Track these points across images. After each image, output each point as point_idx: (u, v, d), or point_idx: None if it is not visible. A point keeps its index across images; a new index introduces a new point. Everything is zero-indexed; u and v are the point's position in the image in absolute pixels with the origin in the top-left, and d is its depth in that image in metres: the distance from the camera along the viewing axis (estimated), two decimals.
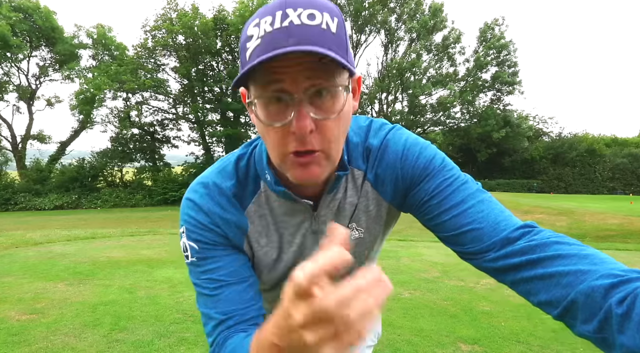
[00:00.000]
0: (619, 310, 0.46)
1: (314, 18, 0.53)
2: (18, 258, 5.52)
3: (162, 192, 22.66)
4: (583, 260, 0.53)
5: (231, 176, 0.72)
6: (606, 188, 29.02)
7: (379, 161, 0.72)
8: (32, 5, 22.77)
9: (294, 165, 0.59)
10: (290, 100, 0.55)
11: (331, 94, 0.56)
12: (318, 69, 0.54)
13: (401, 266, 5.17)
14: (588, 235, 10.69)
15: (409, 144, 0.71)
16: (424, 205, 0.69)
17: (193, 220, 0.70)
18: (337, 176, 0.69)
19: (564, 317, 0.53)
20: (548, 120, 33.83)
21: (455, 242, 0.66)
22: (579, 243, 0.57)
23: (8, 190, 21.61)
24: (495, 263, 0.60)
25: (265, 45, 0.53)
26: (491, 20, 29.38)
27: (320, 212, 0.73)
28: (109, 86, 21.84)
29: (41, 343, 2.73)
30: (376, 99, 29.52)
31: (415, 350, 2.73)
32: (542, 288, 0.55)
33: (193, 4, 23.65)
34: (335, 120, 0.58)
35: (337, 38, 0.55)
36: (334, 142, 0.59)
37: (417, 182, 0.70)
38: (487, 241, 0.61)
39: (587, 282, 0.50)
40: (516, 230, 0.61)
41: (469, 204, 0.65)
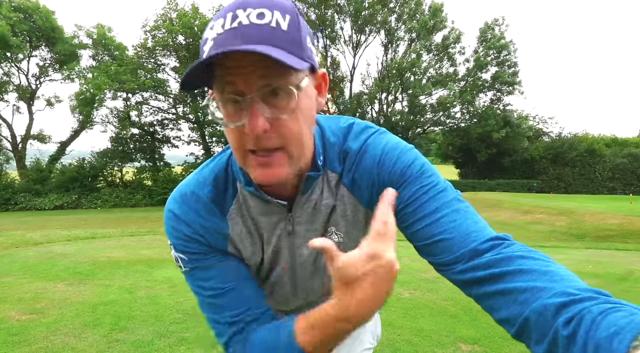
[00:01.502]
0: (565, 332, 0.44)
1: (263, 17, 0.54)
2: (18, 258, 5.52)
3: (162, 192, 22.65)
4: (542, 276, 0.51)
5: (208, 182, 0.72)
6: (606, 189, 29.01)
7: (356, 165, 0.70)
8: (32, 5, 22.76)
9: (254, 166, 0.60)
10: (243, 101, 0.55)
11: (285, 93, 0.56)
12: (270, 68, 0.53)
13: (401, 266, 5.12)
14: (588, 235, 10.70)
15: (387, 148, 0.69)
16: (400, 213, 0.66)
17: (176, 232, 0.71)
18: (308, 177, 0.68)
19: (521, 336, 0.52)
20: (548, 120, 33.83)
21: (428, 252, 0.64)
22: (545, 258, 0.55)
23: (8, 190, 21.60)
24: (463, 275, 0.59)
25: (216, 46, 0.54)
26: (491, 20, 29.38)
27: (295, 213, 0.72)
28: (109, 86, 21.83)
29: (41, 343, 2.73)
30: (376, 99, 29.51)
31: (415, 350, 2.73)
32: (502, 304, 0.53)
33: (193, 4, 23.66)
34: (292, 118, 0.57)
35: (289, 35, 0.55)
36: (293, 140, 0.59)
37: (394, 188, 0.66)
38: (456, 252, 0.60)
39: (541, 300, 0.48)
40: (486, 242, 0.59)
41: (442, 213, 0.63)
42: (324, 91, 0.65)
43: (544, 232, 11.57)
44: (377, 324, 1.14)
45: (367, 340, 1.08)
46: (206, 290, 0.70)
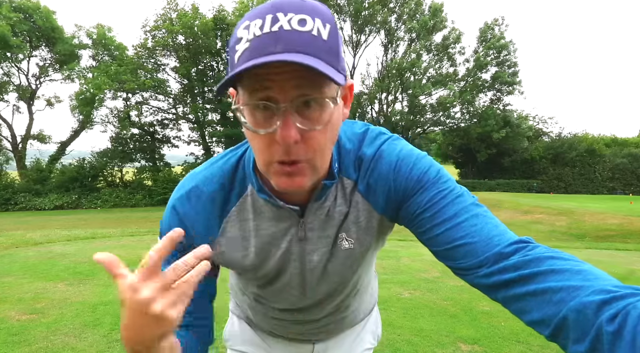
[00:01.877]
0: (610, 328, 0.43)
1: (304, 24, 0.52)
2: (18, 258, 5.52)
3: (162, 192, 22.66)
4: (576, 275, 0.50)
5: (216, 179, 0.72)
6: (606, 189, 29.02)
7: (371, 171, 0.70)
8: (32, 6, 22.77)
9: (278, 173, 0.59)
10: (276, 108, 0.54)
11: (319, 105, 0.55)
12: (307, 78, 0.52)
13: (401, 266, 5.17)
14: (588, 235, 10.70)
15: (403, 154, 0.69)
16: (417, 218, 0.66)
17: (167, 227, 0.70)
18: (324, 185, 0.68)
19: (557, 337, 0.50)
20: (548, 120, 33.86)
21: (448, 256, 0.63)
22: (574, 258, 0.55)
23: (8, 190, 21.60)
24: (488, 279, 0.58)
25: (253, 49, 0.52)
26: (491, 20, 29.41)
27: (307, 219, 0.72)
28: (109, 86, 21.84)
29: (41, 343, 2.73)
30: (376, 99, 29.52)
31: (415, 350, 2.73)
32: (534, 305, 0.52)
33: (193, 4, 23.67)
34: (321, 131, 0.57)
35: (328, 45, 0.53)
36: (319, 152, 0.58)
37: (411, 194, 0.67)
38: (480, 256, 0.59)
39: (579, 298, 0.47)
40: (510, 246, 0.58)
41: (463, 218, 0.62)
42: (349, 102, 0.65)
43: (544, 232, 11.58)
44: (378, 324, 1.13)
45: (367, 340, 1.07)
46: None
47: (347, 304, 0.92)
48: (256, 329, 1.03)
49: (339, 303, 0.90)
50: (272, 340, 1.02)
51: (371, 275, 0.99)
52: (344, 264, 0.77)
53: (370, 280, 0.99)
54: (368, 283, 0.98)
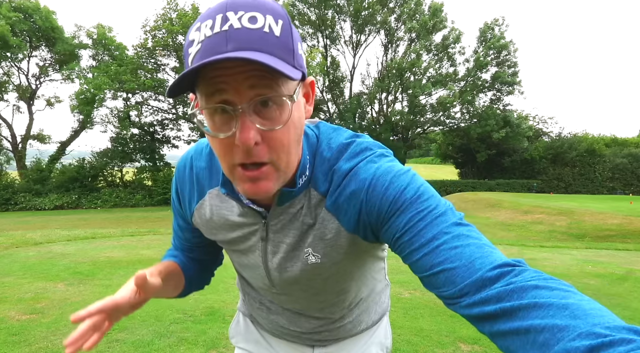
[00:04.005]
0: None
1: (255, 21, 0.51)
2: (18, 258, 5.51)
3: (162, 192, 22.67)
4: (562, 311, 0.43)
5: (203, 158, 0.76)
6: (606, 189, 29.02)
7: (342, 188, 0.65)
8: (32, 5, 22.77)
9: (242, 179, 0.58)
10: (233, 111, 0.52)
11: (277, 104, 0.54)
12: (262, 77, 0.51)
13: (401, 266, 5.15)
14: (588, 235, 10.70)
15: (379, 172, 0.63)
16: (397, 243, 0.61)
17: (173, 183, 0.83)
18: (282, 193, 0.65)
19: None
20: (548, 120, 33.80)
21: (430, 283, 0.57)
22: (564, 288, 0.47)
23: (8, 190, 21.60)
24: (471, 310, 0.51)
25: (204, 50, 0.51)
26: (491, 20, 29.39)
27: (270, 221, 0.71)
28: (109, 86, 21.84)
29: (41, 343, 2.73)
30: (376, 99, 29.52)
31: (415, 350, 2.73)
32: (519, 346, 0.45)
33: (193, 4, 23.67)
34: (283, 130, 0.55)
35: (281, 41, 0.52)
36: (283, 153, 0.57)
37: (388, 216, 0.61)
38: (460, 283, 0.52)
39: (563, 343, 0.40)
40: (493, 270, 0.51)
41: (442, 240, 0.55)
42: (312, 99, 0.64)
43: (544, 232, 11.58)
44: (388, 336, 1.06)
45: (374, 351, 1.02)
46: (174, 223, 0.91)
47: (340, 314, 0.91)
48: (259, 327, 1.03)
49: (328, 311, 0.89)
50: (274, 339, 1.01)
51: (375, 286, 0.96)
52: (310, 274, 0.76)
53: (373, 291, 0.96)
54: (370, 294, 0.95)
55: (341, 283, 0.82)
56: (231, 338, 1.08)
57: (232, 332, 1.08)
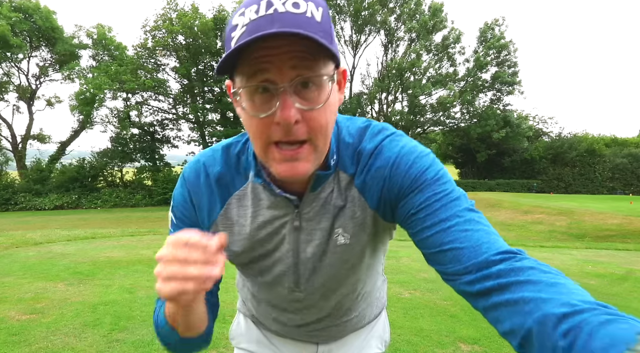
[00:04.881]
0: (563, 343, 0.43)
1: (298, 6, 0.53)
2: (18, 258, 5.51)
3: (162, 192, 22.68)
4: (550, 288, 0.49)
5: (220, 162, 0.74)
6: (606, 189, 29.03)
7: (369, 166, 0.69)
8: (32, 6, 22.78)
9: (278, 159, 0.59)
10: (275, 90, 0.54)
11: (316, 85, 0.56)
12: (304, 58, 0.53)
13: (401, 266, 5.17)
14: (588, 235, 10.70)
15: (403, 151, 0.67)
16: (410, 218, 0.65)
17: (179, 195, 0.76)
18: (318, 176, 0.67)
19: (524, 347, 0.50)
20: (548, 120, 33.90)
21: (436, 260, 0.62)
22: (556, 272, 0.52)
23: (8, 190, 21.62)
24: (471, 287, 0.56)
25: (250, 31, 0.52)
26: (491, 20, 29.41)
27: (302, 209, 0.72)
28: (109, 86, 21.85)
29: (41, 343, 2.73)
30: (376, 99, 29.53)
31: (415, 350, 2.73)
32: (507, 315, 0.51)
33: (193, 4, 23.67)
34: (320, 110, 0.57)
35: (322, 27, 0.54)
36: (320, 133, 0.59)
37: (406, 193, 0.66)
38: (466, 262, 0.57)
39: (543, 311, 0.47)
40: (498, 255, 0.56)
41: (454, 222, 0.60)
42: (344, 87, 0.65)
43: (544, 232, 11.58)
44: (386, 329, 1.10)
45: (374, 344, 1.05)
46: None
47: (348, 307, 0.92)
48: (261, 327, 1.03)
49: (339, 305, 0.89)
50: (277, 339, 1.01)
51: (377, 279, 0.98)
52: (339, 259, 0.76)
53: (375, 285, 0.98)
54: (373, 288, 0.96)
55: (357, 272, 0.83)
56: (232, 340, 1.07)
57: (233, 333, 1.07)
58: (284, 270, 0.78)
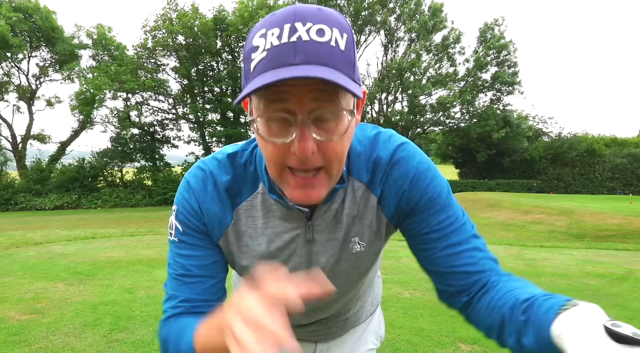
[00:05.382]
0: (522, 318, 0.56)
1: (323, 34, 0.51)
2: (18, 258, 5.51)
3: (162, 192, 22.68)
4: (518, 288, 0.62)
5: (228, 171, 0.71)
6: (606, 189, 29.03)
7: (386, 176, 0.70)
8: (32, 6, 22.79)
9: (292, 184, 0.59)
10: (293, 120, 0.54)
11: (336, 117, 0.55)
12: (325, 92, 0.52)
13: (401, 266, 5.17)
14: (588, 235, 10.70)
15: (422, 167, 0.70)
16: (423, 236, 0.71)
17: (185, 202, 0.71)
18: (334, 188, 0.67)
19: (500, 337, 0.62)
20: (548, 120, 33.84)
21: (441, 277, 0.71)
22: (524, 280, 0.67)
23: (8, 190, 21.63)
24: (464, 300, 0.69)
25: (271, 59, 0.51)
26: (491, 20, 29.43)
27: (315, 222, 0.71)
28: (109, 86, 21.87)
29: (41, 343, 2.73)
30: (376, 99, 29.53)
31: (415, 350, 2.73)
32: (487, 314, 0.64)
33: (193, 4, 23.68)
34: (337, 141, 0.56)
35: (346, 56, 0.53)
36: (336, 161, 0.58)
37: (421, 210, 0.70)
38: (470, 286, 0.69)
39: (511, 301, 0.59)
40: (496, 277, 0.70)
41: (464, 248, 0.69)
42: (362, 107, 0.65)
43: (544, 232, 11.58)
44: (381, 325, 1.13)
45: (370, 340, 1.07)
46: (179, 266, 0.71)
47: (349, 307, 0.92)
48: None
49: (342, 305, 0.90)
50: None
51: (374, 276, 0.99)
52: (352, 266, 0.76)
53: (372, 282, 0.99)
54: (370, 285, 0.98)
55: (364, 275, 0.83)
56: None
57: None
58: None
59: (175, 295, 0.71)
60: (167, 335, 0.68)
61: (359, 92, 0.53)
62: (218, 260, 0.74)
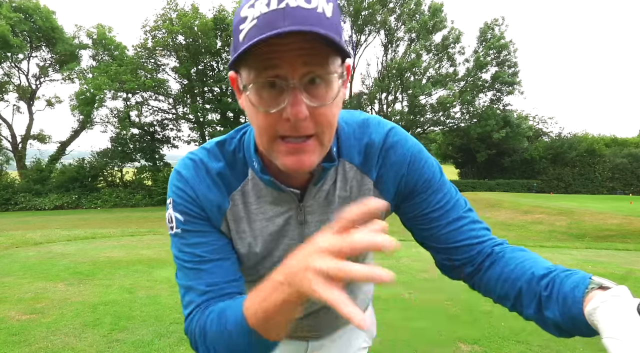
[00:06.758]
0: (545, 293, 0.60)
1: (310, 1, 0.52)
2: (18, 258, 5.52)
3: (162, 192, 22.65)
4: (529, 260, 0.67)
5: (219, 158, 0.72)
6: (606, 189, 29.01)
7: (382, 161, 0.72)
8: (32, 6, 22.78)
9: (283, 151, 0.59)
10: (285, 86, 0.54)
11: (326, 81, 0.56)
12: (315, 55, 0.53)
13: (401, 266, 5.17)
14: (588, 235, 10.70)
15: (415, 150, 0.73)
16: (425, 217, 0.74)
17: (180, 192, 0.70)
18: (323, 168, 0.68)
19: (515, 306, 0.66)
20: (548, 120, 33.80)
21: (445, 252, 0.74)
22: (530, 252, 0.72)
23: (8, 190, 21.61)
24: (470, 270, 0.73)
25: (261, 26, 0.52)
26: (491, 20, 29.39)
27: (306, 203, 0.72)
28: (109, 86, 21.85)
29: (41, 343, 2.73)
30: (376, 99, 29.52)
31: (415, 350, 2.73)
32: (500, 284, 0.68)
33: (193, 4, 23.66)
34: (328, 107, 0.57)
35: (332, 22, 0.54)
36: (327, 128, 0.59)
37: (419, 191, 0.73)
38: (474, 255, 0.73)
39: (528, 274, 0.64)
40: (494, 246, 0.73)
41: (464, 222, 0.73)
42: (347, 81, 0.65)
43: (544, 232, 11.57)
44: (373, 323, 1.13)
45: (362, 338, 1.07)
46: (191, 255, 0.68)
47: None
48: None
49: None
50: None
51: None
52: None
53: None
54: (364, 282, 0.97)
55: (359, 261, 0.83)
56: None
57: None
58: None
59: (195, 285, 0.66)
60: (204, 323, 0.62)
61: (347, 50, 0.55)
62: (227, 242, 0.72)
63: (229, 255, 0.71)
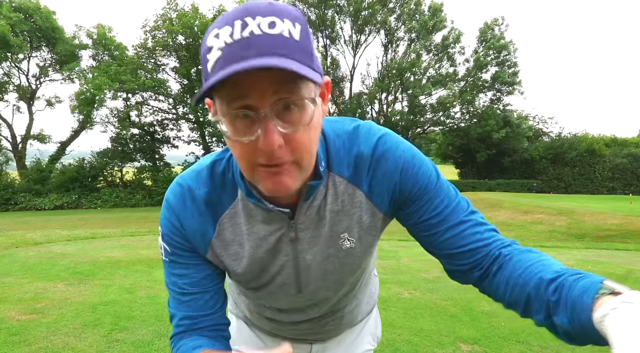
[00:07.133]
0: (553, 298, 0.57)
1: (274, 26, 0.51)
2: (18, 258, 5.52)
3: (162, 192, 22.62)
4: (538, 263, 0.63)
5: (206, 183, 0.71)
6: (606, 189, 29.02)
7: (373, 170, 0.70)
8: (32, 6, 22.78)
9: (263, 176, 0.58)
10: (256, 116, 0.53)
11: (299, 107, 0.54)
12: (284, 82, 0.52)
13: (401, 266, 5.17)
14: (588, 235, 10.69)
15: (407, 156, 0.70)
16: (423, 223, 0.71)
17: (166, 222, 0.73)
18: (310, 186, 0.67)
19: (526, 311, 0.62)
20: (548, 120, 33.83)
21: (450, 257, 0.71)
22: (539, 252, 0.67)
23: (8, 190, 21.61)
24: (479, 275, 0.70)
25: (226, 57, 0.51)
26: (491, 20, 29.38)
27: (297, 220, 0.71)
28: (109, 86, 21.85)
29: (41, 343, 2.73)
30: (376, 99, 29.54)
31: (415, 350, 2.73)
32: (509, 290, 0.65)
33: (193, 4, 23.67)
34: (304, 132, 0.56)
35: (301, 45, 0.52)
36: (305, 152, 0.58)
37: (415, 198, 0.70)
38: (480, 259, 0.69)
39: (536, 279, 0.60)
40: (501, 248, 0.70)
41: (466, 226, 0.70)
42: (327, 98, 0.65)
43: (544, 232, 11.57)
44: (377, 325, 1.12)
45: (366, 341, 1.07)
46: (174, 285, 0.74)
47: (344, 304, 0.92)
48: (254, 328, 1.03)
49: (336, 303, 0.89)
50: (270, 339, 1.01)
51: (370, 275, 0.99)
52: (342, 263, 0.76)
53: (368, 281, 0.98)
54: (366, 284, 0.97)
55: (359, 271, 0.83)
56: None
57: None
58: (285, 281, 0.78)
59: (176, 313, 0.75)
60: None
61: (317, 78, 0.53)
62: (210, 273, 0.75)
63: (209, 288, 0.75)
